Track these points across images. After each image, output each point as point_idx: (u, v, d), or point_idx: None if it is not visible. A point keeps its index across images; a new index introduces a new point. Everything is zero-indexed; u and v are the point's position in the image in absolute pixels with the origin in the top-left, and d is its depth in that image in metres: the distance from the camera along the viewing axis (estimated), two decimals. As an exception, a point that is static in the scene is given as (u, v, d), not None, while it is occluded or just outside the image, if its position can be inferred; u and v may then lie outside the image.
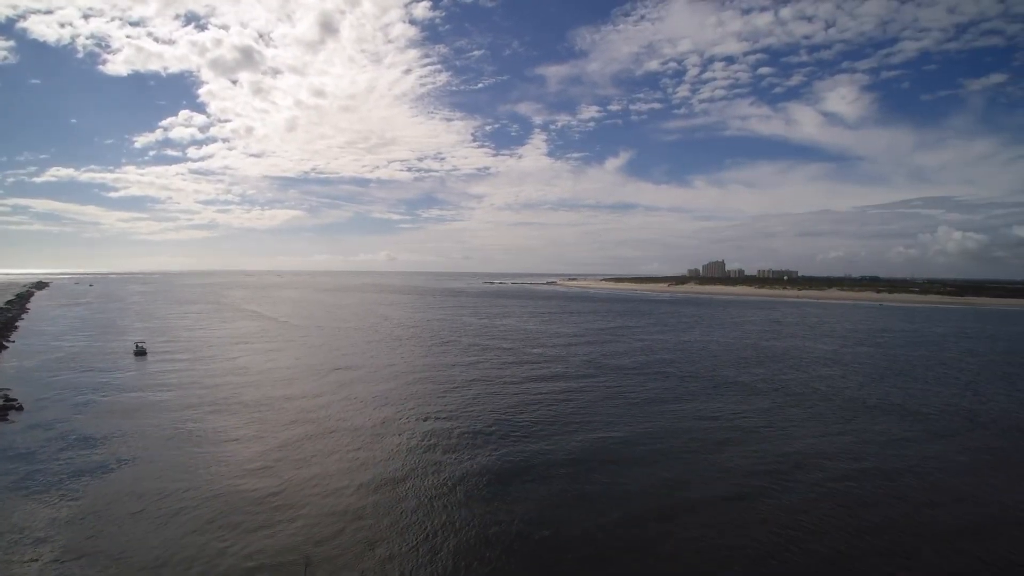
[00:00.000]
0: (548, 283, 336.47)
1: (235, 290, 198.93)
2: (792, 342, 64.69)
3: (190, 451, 24.59)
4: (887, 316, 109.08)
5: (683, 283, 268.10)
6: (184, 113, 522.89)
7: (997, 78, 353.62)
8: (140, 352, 50.95)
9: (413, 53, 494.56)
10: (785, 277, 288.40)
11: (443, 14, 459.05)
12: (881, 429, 29.11)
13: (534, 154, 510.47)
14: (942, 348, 61.43)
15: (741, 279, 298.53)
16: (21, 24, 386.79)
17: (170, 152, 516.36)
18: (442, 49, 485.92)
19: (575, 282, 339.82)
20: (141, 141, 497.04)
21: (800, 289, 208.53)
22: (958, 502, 20.04)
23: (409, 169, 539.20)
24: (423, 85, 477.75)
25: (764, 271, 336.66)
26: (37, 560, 15.32)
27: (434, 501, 19.63)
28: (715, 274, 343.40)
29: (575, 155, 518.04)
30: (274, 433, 27.30)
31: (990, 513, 19.18)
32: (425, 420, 30.12)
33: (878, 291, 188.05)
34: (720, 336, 70.68)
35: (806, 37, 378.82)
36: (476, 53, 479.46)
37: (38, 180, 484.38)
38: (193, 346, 57.26)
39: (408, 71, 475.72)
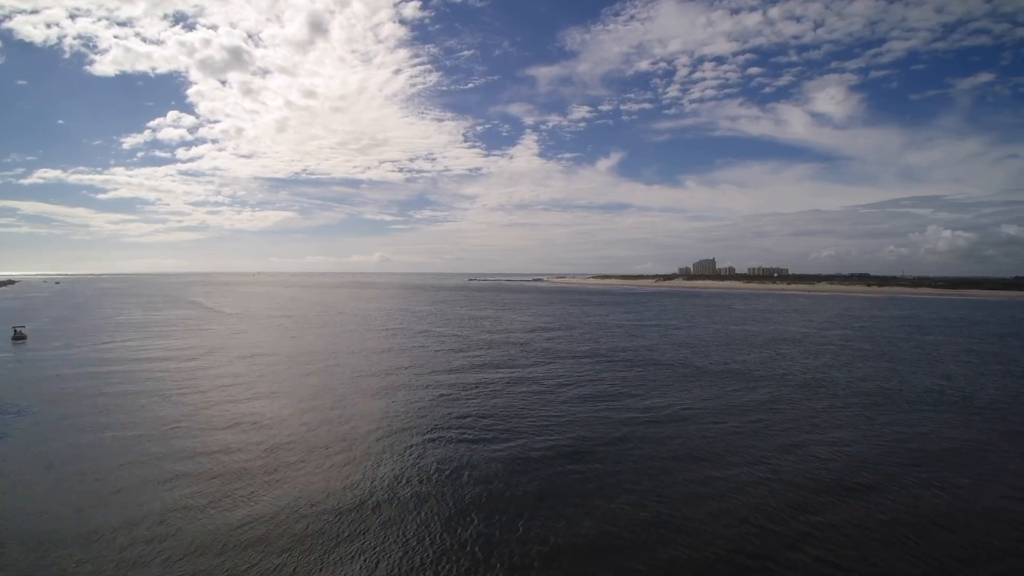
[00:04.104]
0: (535, 280, 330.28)
1: (201, 287, 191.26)
2: (775, 327, 58.61)
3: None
4: (887, 305, 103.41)
5: (671, 279, 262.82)
6: (173, 114, 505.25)
7: (985, 77, 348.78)
8: (19, 337, 47.27)
9: (403, 53, 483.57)
10: (775, 274, 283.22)
11: (432, 14, 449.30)
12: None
13: (526, 155, 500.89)
14: (926, 331, 55.63)
15: (730, 275, 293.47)
16: (7, 24, 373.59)
17: (159, 153, 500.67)
18: (432, 49, 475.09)
19: (563, 279, 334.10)
20: (129, 142, 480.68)
21: (789, 283, 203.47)
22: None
23: (401, 170, 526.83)
24: (413, 85, 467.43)
25: (755, 269, 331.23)
26: None
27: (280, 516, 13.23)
28: (705, 272, 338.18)
29: (566, 155, 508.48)
30: (87, 428, 20.67)
31: None
32: (282, 407, 23.72)
33: (868, 284, 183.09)
34: (697, 323, 64.58)
35: (795, 37, 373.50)
36: (466, 53, 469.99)
37: (26, 182, 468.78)
38: (86, 332, 50.71)
39: (398, 71, 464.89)
